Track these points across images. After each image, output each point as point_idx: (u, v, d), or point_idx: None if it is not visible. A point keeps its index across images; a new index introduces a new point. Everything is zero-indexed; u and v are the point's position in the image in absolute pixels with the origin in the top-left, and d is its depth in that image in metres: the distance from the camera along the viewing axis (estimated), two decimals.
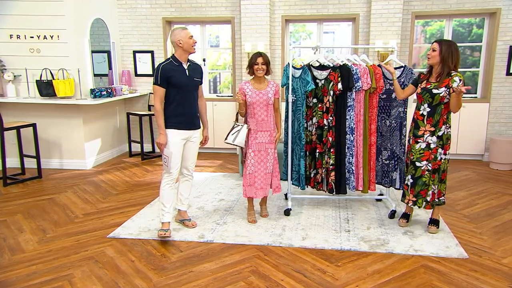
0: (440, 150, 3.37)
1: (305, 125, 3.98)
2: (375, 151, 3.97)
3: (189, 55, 3.41)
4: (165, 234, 3.38)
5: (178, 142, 3.39)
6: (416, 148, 3.41)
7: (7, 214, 4.03)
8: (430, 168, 3.40)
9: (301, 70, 3.88)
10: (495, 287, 2.72)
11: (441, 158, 3.39)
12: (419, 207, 3.49)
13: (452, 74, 3.27)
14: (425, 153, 3.38)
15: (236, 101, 3.63)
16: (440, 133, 3.35)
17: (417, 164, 3.42)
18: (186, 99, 3.37)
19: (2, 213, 4.08)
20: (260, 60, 3.51)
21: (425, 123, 3.36)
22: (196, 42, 3.38)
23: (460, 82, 3.22)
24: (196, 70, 3.46)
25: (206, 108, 3.67)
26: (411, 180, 3.48)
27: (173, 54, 3.38)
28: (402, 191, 3.67)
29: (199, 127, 3.57)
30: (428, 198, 3.45)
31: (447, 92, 3.25)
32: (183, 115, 3.37)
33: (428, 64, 3.40)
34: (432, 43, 3.36)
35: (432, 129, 3.35)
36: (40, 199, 4.48)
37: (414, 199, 3.48)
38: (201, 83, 3.53)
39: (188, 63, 3.40)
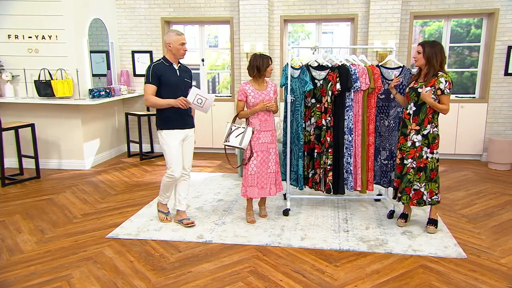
0: (425, 148, 3.41)
1: (304, 125, 3.98)
2: (373, 151, 3.98)
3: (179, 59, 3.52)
4: (165, 218, 3.73)
5: (177, 143, 3.50)
6: (406, 146, 3.46)
7: (5, 215, 4.02)
8: (414, 165, 3.45)
9: (299, 71, 3.88)
10: (494, 287, 2.72)
11: (427, 157, 3.42)
12: (403, 203, 3.57)
13: (439, 75, 3.32)
14: (410, 151, 3.44)
15: (239, 102, 3.64)
16: (425, 132, 3.39)
17: (405, 161, 3.48)
18: (177, 98, 3.44)
19: (1, 213, 4.06)
20: (270, 62, 3.61)
21: (411, 121, 3.42)
22: (186, 51, 3.46)
23: (446, 83, 3.28)
24: (186, 72, 3.59)
25: (195, 111, 3.73)
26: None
27: (164, 55, 3.51)
28: (392, 189, 3.71)
29: (193, 127, 3.66)
30: (411, 195, 3.50)
31: (432, 92, 3.31)
32: (176, 115, 3.46)
33: (416, 66, 3.47)
34: (418, 46, 3.43)
35: (417, 127, 3.40)
36: (38, 199, 4.47)
37: (399, 195, 3.55)
38: (191, 85, 3.62)
39: (179, 65, 3.52)
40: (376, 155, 4.05)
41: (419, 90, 3.33)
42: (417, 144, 3.41)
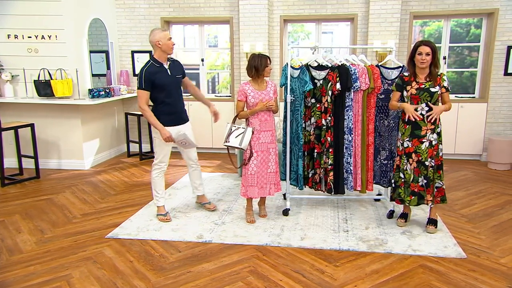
0: (440, 146, 3.46)
1: (303, 125, 3.98)
2: (372, 151, 3.98)
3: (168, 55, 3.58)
4: (165, 218, 3.75)
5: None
6: (423, 148, 3.43)
7: (5, 215, 4.02)
8: (433, 164, 3.44)
9: (299, 70, 3.88)
10: (494, 287, 2.72)
11: (442, 154, 3.48)
12: (427, 204, 3.52)
13: (440, 74, 3.41)
14: (429, 151, 3.43)
15: (239, 103, 3.65)
16: (438, 130, 3.44)
17: (426, 163, 3.44)
18: (171, 97, 3.56)
19: (0, 213, 4.06)
20: (269, 62, 3.62)
21: (426, 122, 3.40)
22: (174, 44, 3.55)
23: (447, 81, 3.41)
24: (177, 67, 3.64)
25: (200, 90, 3.83)
26: (425, 181, 3.46)
27: (152, 56, 3.53)
28: (394, 193, 3.61)
29: (187, 120, 3.78)
30: (435, 193, 3.51)
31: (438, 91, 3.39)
32: (171, 113, 3.55)
33: (422, 68, 3.37)
34: (418, 46, 3.35)
35: (432, 127, 3.41)
36: (38, 199, 4.47)
37: (431, 198, 3.49)
38: (184, 76, 3.69)
39: (168, 62, 3.57)
40: (376, 155, 4.05)
41: (432, 90, 3.34)
42: (433, 143, 3.43)
